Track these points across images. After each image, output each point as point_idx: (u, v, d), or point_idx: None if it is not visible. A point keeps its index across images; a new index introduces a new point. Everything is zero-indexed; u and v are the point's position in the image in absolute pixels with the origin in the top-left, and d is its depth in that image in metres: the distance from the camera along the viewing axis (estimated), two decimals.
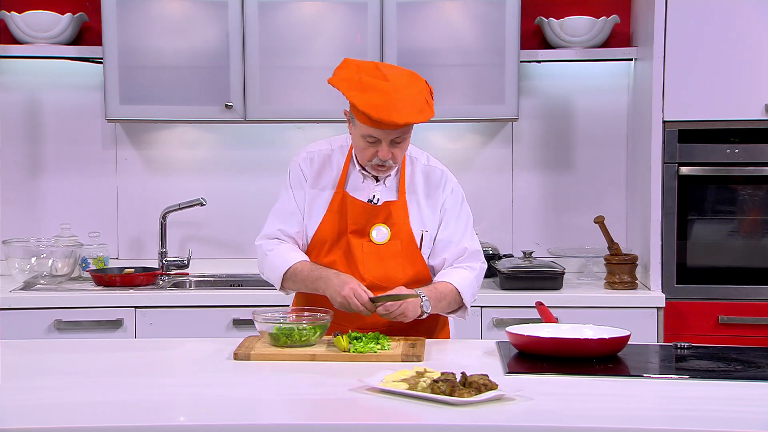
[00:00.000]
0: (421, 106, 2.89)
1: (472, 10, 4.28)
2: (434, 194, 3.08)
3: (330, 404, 2.37)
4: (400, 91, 2.86)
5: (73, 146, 4.65)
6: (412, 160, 3.09)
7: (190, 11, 4.31)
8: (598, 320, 3.10)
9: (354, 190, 3.05)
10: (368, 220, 3.03)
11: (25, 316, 3.99)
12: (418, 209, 3.06)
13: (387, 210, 3.03)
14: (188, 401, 2.38)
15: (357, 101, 2.86)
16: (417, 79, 2.95)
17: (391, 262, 3.03)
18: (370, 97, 2.85)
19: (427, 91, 2.95)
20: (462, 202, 3.12)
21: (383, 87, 2.85)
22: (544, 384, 2.47)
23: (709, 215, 4.17)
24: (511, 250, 4.62)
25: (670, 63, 4.05)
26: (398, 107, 2.83)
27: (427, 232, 3.05)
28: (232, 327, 4.04)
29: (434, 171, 3.10)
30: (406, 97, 2.86)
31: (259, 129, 4.59)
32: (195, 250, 4.58)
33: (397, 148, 2.94)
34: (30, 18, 4.38)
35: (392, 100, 2.83)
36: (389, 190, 3.05)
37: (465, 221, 3.11)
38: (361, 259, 3.02)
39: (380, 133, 2.89)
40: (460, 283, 3.02)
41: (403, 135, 2.93)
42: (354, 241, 3.02)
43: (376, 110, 2.83)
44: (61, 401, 2.36)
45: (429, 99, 2.94)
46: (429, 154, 3.16)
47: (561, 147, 4.68)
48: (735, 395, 2.41)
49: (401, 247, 3.03)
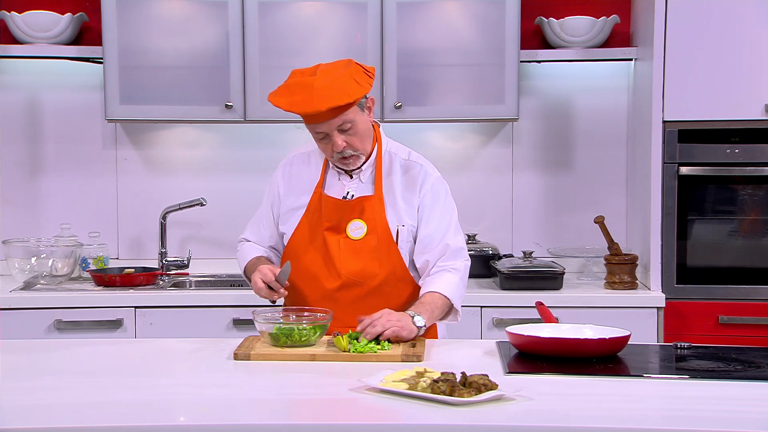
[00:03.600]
0: (346, 86, 2.89)
1: (472, 10, 4.28)
2: (412, 189, 3.06)
3: (330, 404, 2.37)
4: (323, 80, 2.88)
5: (73, 146, 4.65)
6: (390, 155, 3.10)
7: (190, 11, 4.31)
8: (598, 320, 3.10)
9: (330, 189, 3.08)
10: (343, 216, 3.04)
11: (25, 316, 3.99)
12: (395, 204, 3.05)
13: (362, 205, 3.04)
14: (188, 401, 2.38)
15: (282, 105, 2.91)
16: (346, 63, 2.97)
17: (367, 257, 3.03)
18: (293, 97, 2.89)
19: (358, 71, 2.94)
20: (445, 197, 3.09)
21: (307, 82, 2.89)
22: (544, 384, 2.47)
23: (709, 215, 4.17)
24: (511, 250, 4.62)
25: (670, 63, 4.05)
26: (319, 95, 2.86)
27: (403, 227, 3.04)
28: (232, 327, 4.04)
29: (413, 165, 3.09)
30: (327, 84, 2.87)
31: (259, 129, 4.59)
32: (195, 250, 4.58)
33: (348, 135, 2.96)
34: (30, 18, 4.38)
35: (313, 91, 2.86)
36: (365, 186, 3.07)
37: (447, 217, 3.08)
38: (338, 255, 3.03)
39: (321, 127, 2.93)
40: (445, 289, 2.99)
41: (345, 121, 2.93)
42: (330, 237, 3.04)
43: (298, 106, 2.89)
44: (61, 401, 2.36)
45: (359, 77, 2.92)
46: (413, 150, 3.15)
47: (561, 147, 4.68)
48: (735, 395, 2.41)
49: (377, 242, 3.03)
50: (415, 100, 4.28)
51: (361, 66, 2.98)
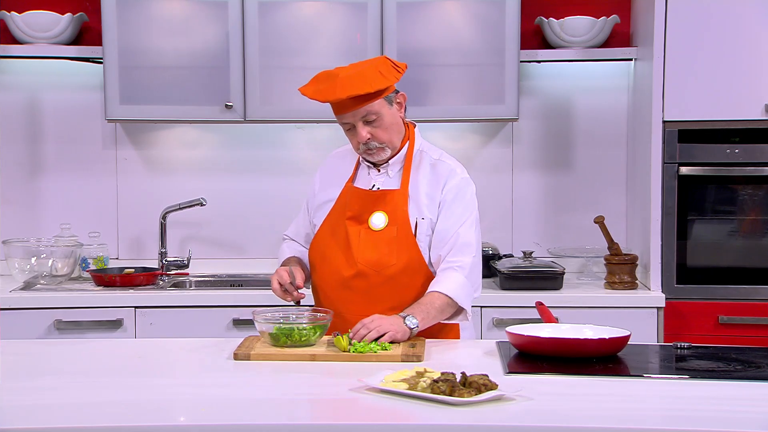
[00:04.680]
0: (368, 76, 2.95)
1: (472, 10, 4.28)
2: (436, 185, 3.08)
3: (330, 404, 2.37)
4: (349, 71, 2.97)
5: (73, 146, 4.65)
6: (421, 154, 3.12)
7: (190, 11, 4.31)
8: (598, 320, 3.10)
9: (359, 181, 3.13)
10: (365, 207, 3.06)
11: (25, 316, 3.99)
12: (418, 199, 3.06)
13: (385, 197, 3.06)
14: (188, 401, 2.38)
15: (308, 93, 3.00)
16: (375, 58, 3.08)
17: (384, 248, 3.03)
18: (318, 86, 2.98)
19: (385, 63, 3.01)
20: (467, 197, 3.09)
21: (334, 73, 2.98)
22: (544, 384, 2.47)
23: (709, 215, 4.17)
24: (511, 250, 4.62)
25: (670, 63, 4.05)
26: (342, 84, 2.92)
27: (423, 219, 3.05)
28: (232, 327, 4.04)
29: (443, 165, 3.11)
30: (352, 75, 2.95)
31: (259, 129, 4.59)
32: (195, 250, 4.58)
33: (373, 127, 3.00)
34: (30, 18, 4.38)
35: (336, 80, 2.94)
36: (392, 180, 3.10)
37: (466, 215, 3.07)
38: (356, 244, 3.04)
39: (346, 117, 3.00)
40: (447, 288, 2.98)
41: (370, 112, 2.97)
42: (351, 227, 3.06)
43: (321, 94, 2.96)
44: (61, 401, 2.36)
45: (384, 69, 2.98)
46: (445, 152, 3.18)
47: (561, 147, 4.68)
48: (735, 395, 2.41)
49: (396, 233, 3.04)
50: (415, 100, 4.28)
51: (391, 60, 3.04)
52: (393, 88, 3.03)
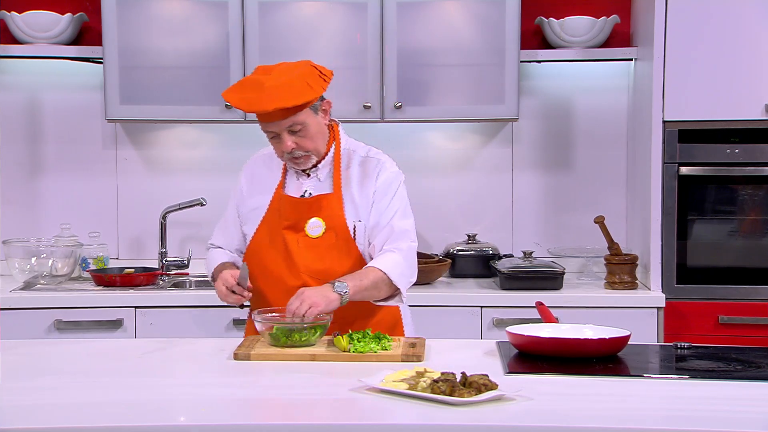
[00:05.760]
0: (296, 88, 2.89)
1: (472, 10, 4.28)
2: (367, 184, 3.07)
3: (330, 404, 2.37)
4: (275, 80, 2.90)
5: (73, 146, 4.65)
6: (349, 153, 3.10)
7: (190, 11, 4.31)
8: (598, 320, 3.10)
9: (289, 188, 3.09)
10: (301, 215, 3.05)
11: (25, 316, 3.99)
12: (353, 201, 3.05)
13: (319, 203, 3.05)
14: (188, 401, 2.38)
15: (232, 101, 2.93)
16: (301, 65, 2.99)
17: (326, 255, 3.03)
18: (244, 94, 2.91)
19: (312, 73, 2.95)
20: (397, 188, 3.08)
21: (260, 81, 2.91)
22: (544, 384, 2.47)
23: (709, 215, 4.17)
24: (511, 250, 4.62)
25: (670, 63, 4.04)
26: (269, 95, 2.87)
27: (360, 222, 3.04)
28: (232, 327, 4.04)
29: (370, 161, 3.10)
30: (279, 84, 2.89)
31: (258, 129, 4.55)
32: (195, 250, 4.58)
33: (298, 136, 2.97)
34: (30, 18, 4.38)
35: (263, 90, 2.87)
36: (323, 184, 3.08)
37: (396, 204, 3.06)
38: (297, 254, 3.03)
39: (271, 126, 2.96)
40: (382, 264, 2.97)
41: (296, 122, 2.94)
42: (289, 236, 3.04)
43: (247, 103, 2.91)
44: (61, 401, 2.36)
45: (312, 80, 2.93)
46: (372, 147, 3.16)
47: (561, 147, 4.68)
48: (735, 395, 2.41)
49: (336, 239, 3.04)
50: (415, 100, 4.28)
51: (318, 69, 2.98)
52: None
